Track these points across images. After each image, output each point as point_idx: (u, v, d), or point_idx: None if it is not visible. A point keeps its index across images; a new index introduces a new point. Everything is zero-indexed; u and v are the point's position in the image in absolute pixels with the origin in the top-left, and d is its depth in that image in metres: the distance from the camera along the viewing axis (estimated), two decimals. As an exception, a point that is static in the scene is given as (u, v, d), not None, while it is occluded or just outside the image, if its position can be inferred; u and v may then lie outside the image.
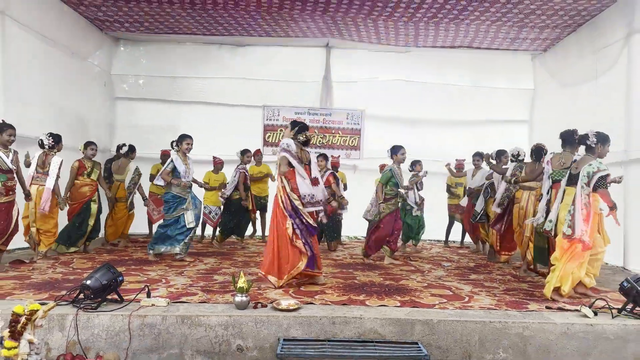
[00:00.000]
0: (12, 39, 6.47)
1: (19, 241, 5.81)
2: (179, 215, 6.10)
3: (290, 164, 4.62)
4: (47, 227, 5.89)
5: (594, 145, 4.34)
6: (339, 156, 8.54)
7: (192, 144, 6.21)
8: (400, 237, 6.97)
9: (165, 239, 6.10)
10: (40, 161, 5.79)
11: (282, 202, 4.61)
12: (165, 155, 7.99)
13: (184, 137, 6.21)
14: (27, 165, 5.92)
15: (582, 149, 4.59)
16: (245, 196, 7.36)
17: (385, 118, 9.55)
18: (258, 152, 8.29)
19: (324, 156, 7.33)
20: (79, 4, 7.75)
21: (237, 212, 7.42)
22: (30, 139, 6.07)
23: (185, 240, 6.14)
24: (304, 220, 4.55)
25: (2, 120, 5.32)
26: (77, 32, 8.22)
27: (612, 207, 4.28)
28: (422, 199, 7.56)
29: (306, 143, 4.85)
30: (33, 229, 5.77)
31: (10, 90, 6.45)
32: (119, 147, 7.49)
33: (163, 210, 6.31)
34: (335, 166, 7.82)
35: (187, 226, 6.10)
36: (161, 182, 6.13)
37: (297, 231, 4.53)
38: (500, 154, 6.75)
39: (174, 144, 6.36)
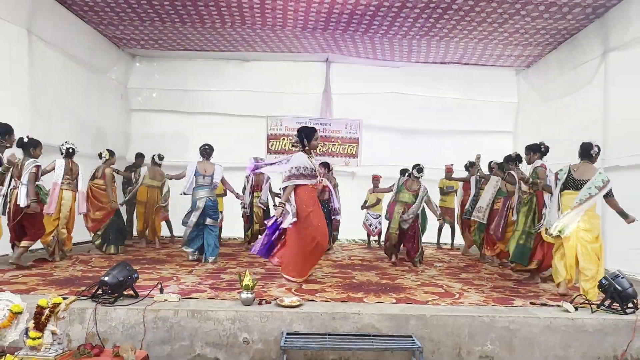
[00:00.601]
0: (38, 55, 6.55)
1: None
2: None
3: None
4: (71, 230, 5.94)
5: (594, 155, 4.44)
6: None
7: None
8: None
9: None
10: (67, 169, 5.80)
11: None
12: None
13: (212, 149, 6.25)
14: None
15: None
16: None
17: (381, 128, 9.60)
18: None
19: (323, 164, 7.28)
20: (99, 23, 7.82)
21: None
22: (53, 147, 6.09)
23: None
24: None
25: (28, 135, 5.29)
26: (97, 49, 8.30)
27: (627, 216, 4.31)
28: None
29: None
30: (63, 230, 5.76)
31: (36, 103, 6.52)
32: (160, 158, 7.52)
33: (216, 217, 6.08)
34: None
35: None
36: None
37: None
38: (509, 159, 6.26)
39: (205, 151, 6.18)
